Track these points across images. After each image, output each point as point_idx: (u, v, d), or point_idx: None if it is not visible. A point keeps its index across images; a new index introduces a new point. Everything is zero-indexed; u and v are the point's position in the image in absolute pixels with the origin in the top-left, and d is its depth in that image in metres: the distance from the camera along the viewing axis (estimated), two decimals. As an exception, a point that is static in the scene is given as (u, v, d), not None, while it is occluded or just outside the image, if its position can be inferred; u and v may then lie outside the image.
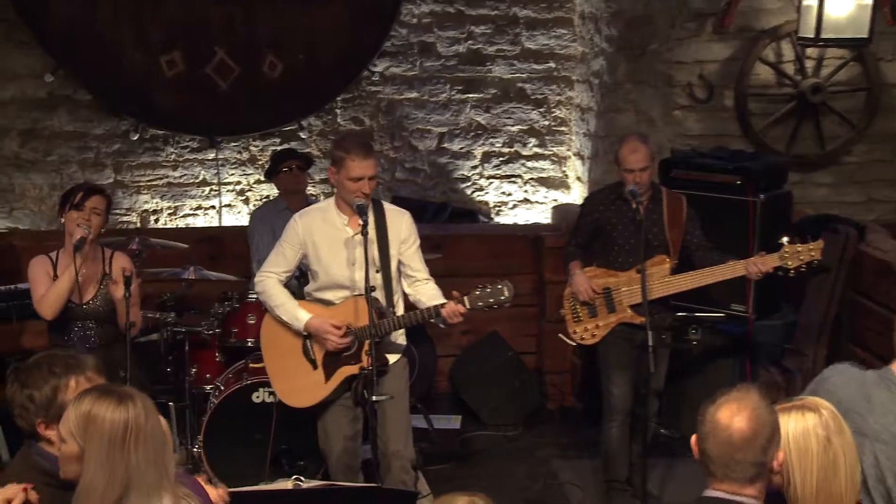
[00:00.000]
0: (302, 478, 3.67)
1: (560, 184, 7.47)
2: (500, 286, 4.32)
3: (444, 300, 4.40)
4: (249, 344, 5.34)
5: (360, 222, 4.29)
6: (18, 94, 6.84)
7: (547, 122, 7.38)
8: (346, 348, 4.40)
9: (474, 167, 7.42)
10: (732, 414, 2.53)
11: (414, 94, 7.26)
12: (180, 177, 7.17)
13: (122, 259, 4.77)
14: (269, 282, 4.51)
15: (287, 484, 3.66)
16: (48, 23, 6.68)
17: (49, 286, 4.52)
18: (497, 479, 5.62)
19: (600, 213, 5.06)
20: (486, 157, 7.41)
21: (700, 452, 2.60)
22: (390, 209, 4.55)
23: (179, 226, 7.15)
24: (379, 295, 4.41)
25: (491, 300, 4.32)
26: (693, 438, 2.62)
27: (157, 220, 7.16)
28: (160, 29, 6.78)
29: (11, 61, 6.78)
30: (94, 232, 4.54)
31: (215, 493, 2.98)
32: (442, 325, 4.46)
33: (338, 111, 7.22)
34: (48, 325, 4.67)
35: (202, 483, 2.94)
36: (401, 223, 4.51)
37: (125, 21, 6.74)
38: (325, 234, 4.43)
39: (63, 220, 4.60)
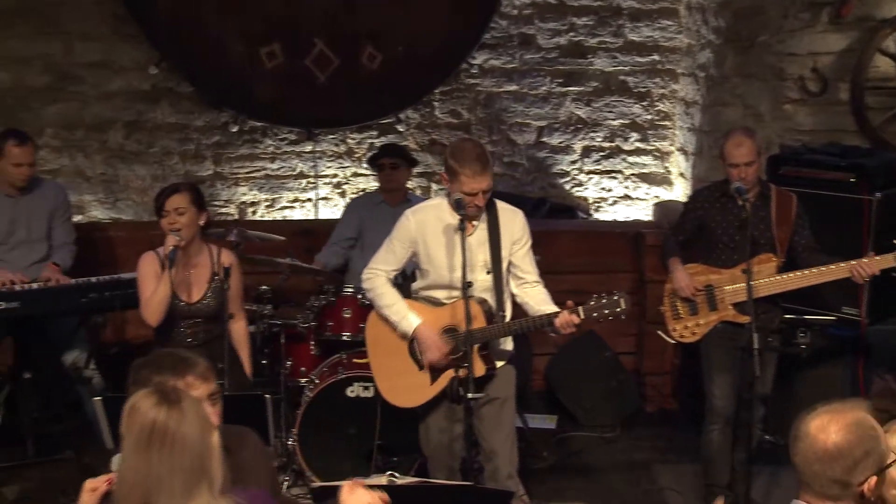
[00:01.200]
0: (396, 474, 3.61)
1: (662, 180, 7.30)
2: (616, 297, 4.20)
3: (553, 306, 4.30)
4: (344, 338, 5.34)
5: (474, 224, 4.25)
6: (124, 87, 6.97)
7: (649, 117, 7.22)
8: (452, 353, 4.33)
9: (573, 162, 7.30)
10: (823, 425, 2.43)
11: (513, 87, 7.17)
12: (278, 169, 7.21)
13: (227, 255, 4.77)
14: (379, 280, 4.44)
15: (381, 479, 3.60)
16: (154, 16, 6.79)
17: (152, 289, 4.53)
18: (593, 481, 5.53)
19: (704, 210, 4.95)
20: (586, 151, 7.28)
21: (791, 458, 2.51)
22: (503, 208, 4.43)
23: (276, 218, 7.20)
24: (489, 297, 4.33)
25: (606, 311, 4.21)
26: None
27: (254, 212, 7.21)
28: (261, 21, 6.82)
29: (119, 54, 6.91)
30: (186, 231, 4.51)
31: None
32: (553, 335, 4.36)
33: (436, 104, 7.17)
34: None
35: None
36: (514, 223, 4.41)
37: (228, 13, 6.80)
38: (437, 232, 4.34)
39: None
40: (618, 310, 4.21)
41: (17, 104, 6.87)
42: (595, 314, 4.21)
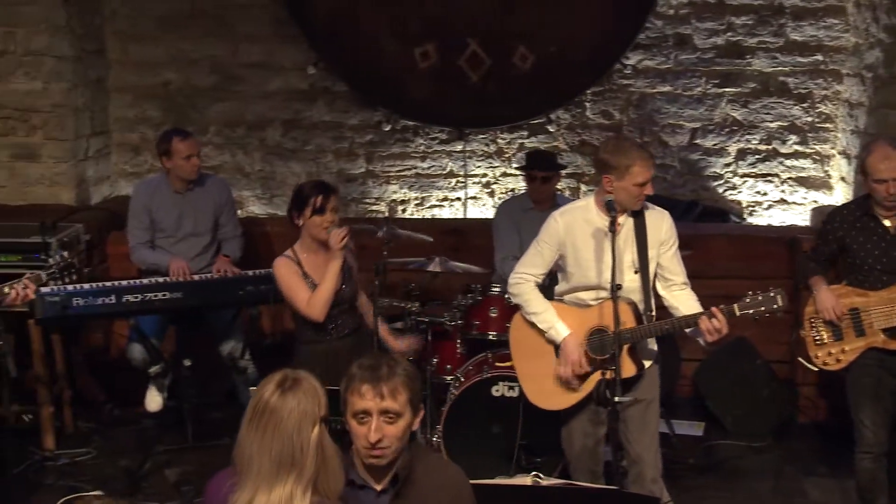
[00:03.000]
0: (541, 474, 3.61)
1: (821, 184, 7.04)
2: (772, 294, 4.10)
3: (701, 309, 4.23)
4: (490, 337, 5.38)
5: (620, 223, 4.21)
6: (283, 86, 7.21)
7: (810, 119, 6.97)
8: (600, 354, 4.29)
9: (728, 164, 7.12)
10: None
11: (667, 88, 7.05)
12: (428, 168, 7.31)
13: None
14: (527, 286, 4.44)
15: (526, 480, 3.61)
16: (313, 17, 6.99)
17: (307, 289, 4.59)
18: (740, 491, 5.41)
19: (844, 231, 4.66)
20: (741, 154, 7.10)
21: None
22: (650, 209, 4.39)
23: (425, 216, 7.29)
24: (636, 298, 4.29)
25: (763, 308, 4.11)
26: None
27: (404, 210, 7.33)
28: (417, 21, 6.93)
29: (279, 55, 7.17)
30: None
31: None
32: (700, 341, 4.28)
33: (587, 104, 7.12)
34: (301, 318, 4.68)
35: None
36: (661, 224, 4.36)
37: (385, 13, 6.94)
38: (585, 234, 4.32)
39: (301, 222, 4.59)
40: (774, 307, 4.09)
41: (186, 103, 7.23)
42: (751, 311, 4.12)
